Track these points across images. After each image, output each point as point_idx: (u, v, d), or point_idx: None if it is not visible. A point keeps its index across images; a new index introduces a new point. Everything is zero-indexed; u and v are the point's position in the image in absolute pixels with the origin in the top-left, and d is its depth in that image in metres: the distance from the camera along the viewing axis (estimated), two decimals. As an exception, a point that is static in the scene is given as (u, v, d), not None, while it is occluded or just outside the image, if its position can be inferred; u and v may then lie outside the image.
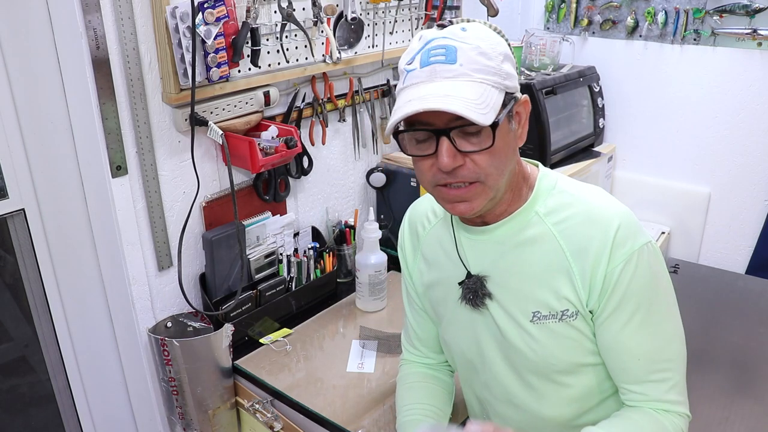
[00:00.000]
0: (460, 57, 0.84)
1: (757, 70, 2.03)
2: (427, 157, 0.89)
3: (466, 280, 1.02)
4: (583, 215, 0.94)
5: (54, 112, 1.35)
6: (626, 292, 0.91)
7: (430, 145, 0.88)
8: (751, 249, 2.20)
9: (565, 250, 0.93)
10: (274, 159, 1.52)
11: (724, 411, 1.90)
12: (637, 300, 0.92)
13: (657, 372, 0.95)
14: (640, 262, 0.91)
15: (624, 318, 0.92)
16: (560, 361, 0.97)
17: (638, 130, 2.36)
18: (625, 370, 0.96)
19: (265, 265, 1.63)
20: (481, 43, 0.86)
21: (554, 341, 0.96)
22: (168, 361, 1.41)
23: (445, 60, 0.84)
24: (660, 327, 0.95)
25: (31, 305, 1.49)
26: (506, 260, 0.98)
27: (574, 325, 0.95)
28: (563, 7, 2.37)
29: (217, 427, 1.50)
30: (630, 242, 0.91)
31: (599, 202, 0.96)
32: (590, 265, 0.91)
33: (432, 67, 0.85)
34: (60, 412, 1.60)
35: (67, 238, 1.46)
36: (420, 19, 1.91)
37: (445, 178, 0.89)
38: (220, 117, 1.47)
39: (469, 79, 0.84)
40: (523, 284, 0.97)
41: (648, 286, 0.92)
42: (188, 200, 1.47)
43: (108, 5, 1.25)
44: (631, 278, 0.91)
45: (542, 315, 0.95)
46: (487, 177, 0.89)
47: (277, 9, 1.50)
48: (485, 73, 0.85)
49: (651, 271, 0.92)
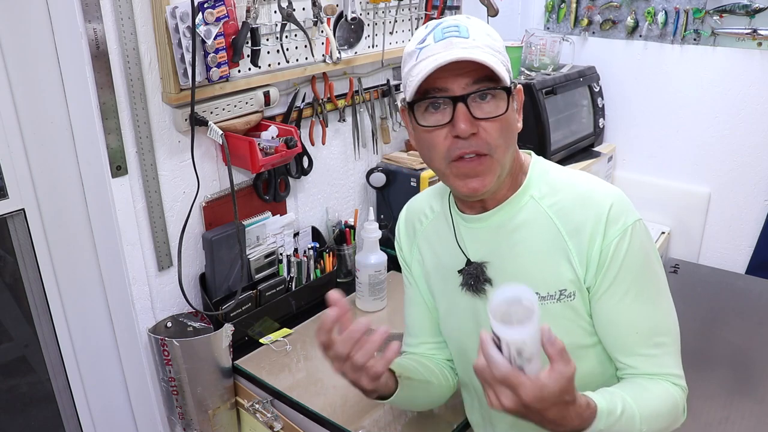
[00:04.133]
0: (472, 33, 0.90)
1: (757, 70, 2.03)
2: (441, 127, 0.91)
3: (466, 267, 1.04)
4: (577, 196, 0.97)
5: (54, 112, 1.35)
6: (621, 266, 0.94)
7: (444, 114, 0.91)
8: (751, 249, 2.20)
9: (561, 230, 0.96)
10: (274, 159, 1.52)
11: (724, 411, 1.90)
12: (632, 274, 0.95)
13: (654, 346, 0.97)
14: (633, 238, 0.94)
15: (620, 291, 0.95)
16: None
17: (638, 130, 2.36)
18: (624, 344, 0.98)
19: (265, 265, 1.63)
20: (486, 28, 0.93)
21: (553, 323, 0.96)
22: (168, 361, 1.41)
23: (459, 35, 0.89)
24: (655, 301, 0.98)
25: (31, 305, 1.49)
26: (504, 245, 1.00)
27: (572, 305, 0.97)
28: (563, 7, 2.37)
29: (217, 427, 1.50)
30: (623, 218, 0.94)
31: (591, 184, 0.99)
32: (586, 242, 0.94)
33: (448, 40, 0.89)
34: (60, 412, 1.60)
35: (67, 238, 1.46)
36: (420, 19, 1.91)
37: (461, 148, 0.91)
38: (220, 117, 1.47)
39: (483, 51, 0.88)
40: (522, 267, 0.99)
41: (642, 260, 0.95)
42: (188, 200, 1.47)
43: (108, 5, 1.25)
44: (626, 253, 0.93)
45: (541, 296, 0.97)
46: (497, 149, 0.92)
47: (277, 9, 1.50)
48: (495, 50, 0.91)
49: (643, 246, 0.96)
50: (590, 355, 1.01)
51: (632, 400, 0.90)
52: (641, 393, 0.94)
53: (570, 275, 0.96)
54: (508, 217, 1.00)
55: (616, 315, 0.96)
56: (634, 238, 0.94)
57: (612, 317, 0.97)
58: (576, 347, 0.99)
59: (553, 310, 0.97)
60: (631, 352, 0.98)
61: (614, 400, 0.88)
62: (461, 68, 0.88)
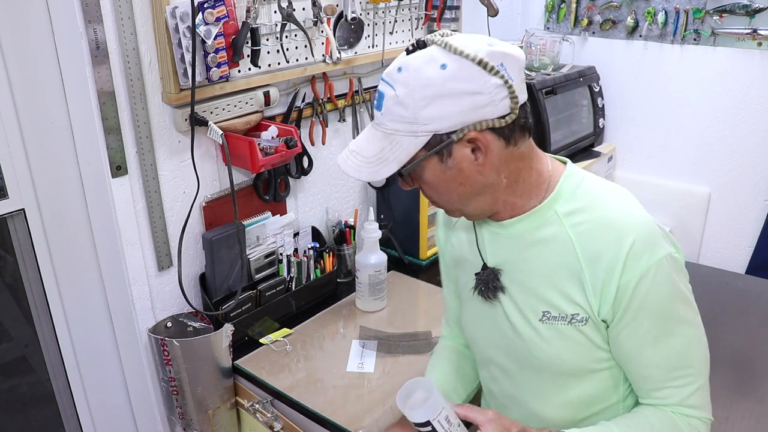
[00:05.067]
0: (384, 104, 0.89)
1: (757, 70, 2.03)
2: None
3: (480, 272, 1.03)
4: (601, 221, 0.91)
5: (54, 112, 1.35)
6: (643, 306, 0.89)
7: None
8: (751, 249, 2.20)
9: (579, 254, 0.91)
10: (274, 159, 1.52)
11: (724, 410, 1.90)
12: (655, 313, 0.90)
13: (677, 378, 0.94)
14: (658, 276, 0.88)
15: (642, 330, 0.91)
16: (566, 364, 0.97)
17: (638, 130, 2.36)
18: (645, 378, 0.95)
19: (265, 265, 1.63)
20: (403, 90, 0.85)
21: (563, 343, 0.96)
22: (168, 361, 1.41)
23: (376, 105, 0.91)
24: (679, 334, 0.93)
25: (31, 305, 1.49)
26: (521, 256, 0.98)
27: (584, 330, 0.94)
28: (563, 7, 2.37)
29: (217, 427, 1.50)
30: (647, 255, 0.88)
31: (621, 209, 0.92)
32: (602, 273, 0.89)
33: (375, 110, 0.92)
34: (60, 412, 1.61)
35: (67, 238, 1.46)
36: (420, 19, 1.91)
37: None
38: (220, 117, 1.47)
39: (382, 129, 0.90)
40: (534, 282, 0.97)
41: (667, 299, 0.90)
42: (188, 200, 1.47)
43: (108, 5, 1.25)
44: (648, 291, 0.88)
45: (552, 315, 0.95)
46: (446, 203, 0.97)
47: (277, 9, 1.50)
48: (398, 122, 0.87)
49: (671, 283, 0.90)
50: (595, 380, 0.99)
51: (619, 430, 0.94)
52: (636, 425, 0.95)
53: (583, 302, 0.92)
54: (530, 228, 0.96)
55: (637, 352, 0.93)
56: (659, 277, 0.88)
57: (632, 355, 0.94)
58: (583, 370, 0.98)
59: (563, 330, 0.95)
60: (654, 386, 0.95)
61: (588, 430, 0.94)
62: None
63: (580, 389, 1.00)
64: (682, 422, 0.94)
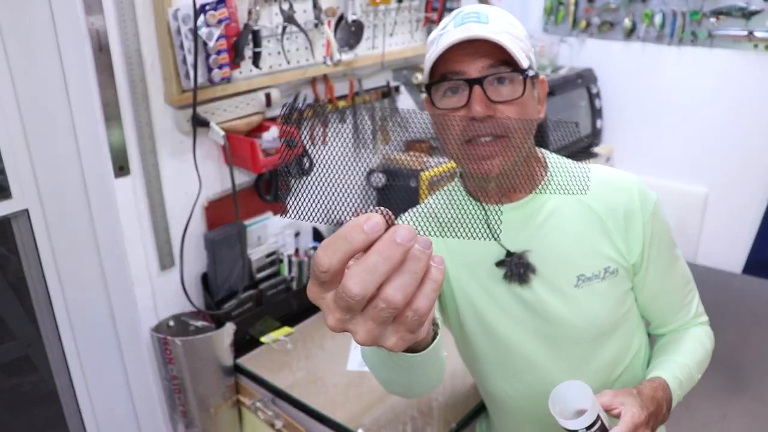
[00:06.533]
0: (492, 19, 0.90)
1: (754, 72, 2.04)
2: (457, 110, 0.91)
3: (507, 259, 1.00)
4: (602, 181, 1.01)
5: (57, 113, 1.36)
6: (659, 239, 1.01)
7: (461, 98, 0.91)
8: (748, 249, 2.21)
9: (596, 210, 0.99)
10: (275, 159, 1.53)
11: (721, 409, 1.91)
12: (666, 243, 1.03)
13: (687, 294, 1.09)
14: (659, 211, 1.02)
15: (662, 262, 1.03)
16: (604, 321, 1.01)
17: (636, 131, 2.37)
18: (670, 306, 1.08)
19: (267, 265, 1.64)
20: (508, 17, 0.94)
21: (599, 301, 1.00)
22: (170, 359, 1.42)
23: (478, 20, 0.90)
24: (679, 256, 1.07)
25: (34, 304, 1.50)
26: (541, 232, 1.00)
27: (617, 281, 1.00)
28: (561, 9, 2.39)
29: (219, 425, 1.51)
30: (649, 196, 1.01)
31: (606, 170, 1.04)
32: (623, 221, 0.99)
33: (467, 25, 0.89)
34: (63, 410, 1.61)
35: (70, 237, 1.47)
36: (420, 21, 1.93)
37: (475, 130, 0.90)
38: (221, 118, 1.48)
39: (502, 37, 0.88)
40: (562, 251, 0.99)
41: (669, 229, 1.05)
42: (190, 200, 1.48)
43: (110, 7, 1.26)
44: (659, 226, 1.01)
45: (586, 277, 0.99)
46: (515, 132, 0.91)
47: (278, 11, 1.51)
48: (514, 37, 0.91)
49: (666, 218, 1.04)
50: (623, 329, 1.05)
51: (683, 359, 1.02)
52: (689, 350, 1.05)
53: (611, 252, 0.99)
54: (539, 204, 1.00)
55: (661, 284, 1.04)
56: (659, 212, 1.02)
57: (659, 287, 1.04)
58: (615, 326, 1.03)
59: (598, 288, 0.99)
60: (674, 309, 1.08)
61: (670, 367, 1.01)
62: (478, 51, 0.89)
63: (607, 350, 1.03)
64: (701, 330, 1.09)
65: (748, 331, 2.09)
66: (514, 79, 0.90)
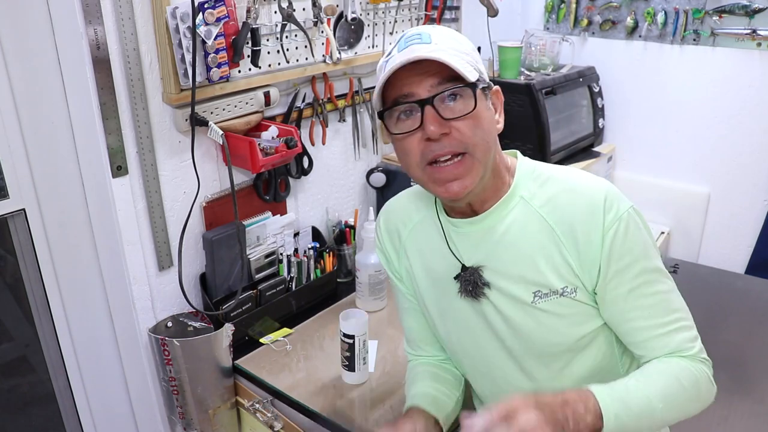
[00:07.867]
0: (434, 38, 0.91)
1: (757, 71, 2.03)
2: (412, 133, 0.91)
3: (462, 273, 1.02)
4: (567, 191, 0.96)
5: (55, 112, 1.35)
6: (622, 254, 0.93)
7: (415, 120, 0.91)
8: (750, 249, 2.20)
9: (554, 228, 0.95)
10: (275, 159, 1.52)
11: (723, 410, 1.90)
12: (635, 259, 0.94)
13: (668, 324, 0.96)
14: (630, 225, 0.93)
15: (628, 278, 0.94)
16: (566, 338, 0.98)
17: (638, 130, 2.36)
18: (637, 330, 0.97)
19: (266, 265, 1.63)
20: (451, 34, 0.94)
21: (556, 319, 0.97)
22: (168, 360, 1.41)
23: (421, 41, 0.90)
24: (659, 282, 0.97)
25: (31, 305, 1.50)
26: (499, 247, 0.99)
27: (576, 299, 0.96)
28: (563, 8, 2.37)
29: (218, 426, 1.50)
30: (616, 207, 0.93)
31: (579, 176, 0.99)
32: (581, 236, 0.93)
33: (410, 47, 0.90)
34: (61, 411, 1.61)
35: (67, 238, 1.46)
36: (420, 20, 1.92)
37: (434, 151, 0.90)
38: (220, 117, 1.47)
39: (445, 54, 0.88)
40: (519, 268, 0.98)
41: (642, 248, 0.95)
42: (188, 200, 1.47)
43: (108, 6, 1.25)
44: (624, 241, 0.92)
45: (543, 293, 0.97)
46: (475, 148, 0.91)
47: (277, 9, 1.50)
48: (460, 52, 0.91)
49: (642, 232, 0.95)
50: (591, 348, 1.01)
51: (636, 382, 0.92)
52: (649, 374, 0.94)
53: (567, 272, 0.95)
54: (499, 218, 0.99)
55: (628, 304, 0.95)
56: (631, 224, 0.93)
57: (624, 307, 0.96)
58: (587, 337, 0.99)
59: (557, 306, 0.97)
60: (649, 336, 0.96)
61: (615, 385, 0.90)
62: (425, 72, 0.89)
63: (577, 368, 1.01)
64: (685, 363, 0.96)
65: (751, 332, 2.08)
66: (464, 93, 0.90)
